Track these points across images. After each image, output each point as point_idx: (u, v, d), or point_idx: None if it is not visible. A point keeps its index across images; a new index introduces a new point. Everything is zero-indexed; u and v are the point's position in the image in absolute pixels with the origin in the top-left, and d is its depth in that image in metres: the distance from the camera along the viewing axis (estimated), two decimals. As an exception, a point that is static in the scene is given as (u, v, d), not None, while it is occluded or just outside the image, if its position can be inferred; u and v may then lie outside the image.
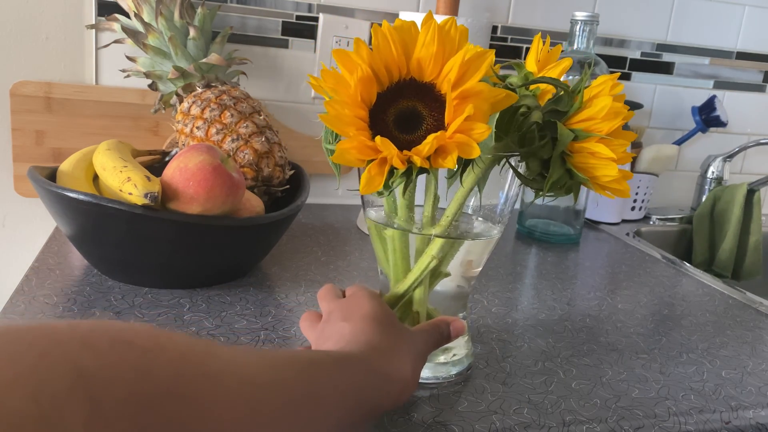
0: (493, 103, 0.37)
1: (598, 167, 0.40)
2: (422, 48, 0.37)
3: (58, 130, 0.83)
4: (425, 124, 0.38)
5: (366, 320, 0.41)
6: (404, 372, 0.39)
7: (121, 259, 0.58)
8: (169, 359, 0.25)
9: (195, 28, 0.73)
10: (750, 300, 0.72)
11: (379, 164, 0.37)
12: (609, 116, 0.40)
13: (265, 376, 0.30)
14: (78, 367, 0.21)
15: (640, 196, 1.04)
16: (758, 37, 1.13)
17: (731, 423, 0.48)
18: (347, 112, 0.36)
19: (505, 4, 0.97)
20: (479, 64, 0.36)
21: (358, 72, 0.36)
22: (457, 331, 0.45)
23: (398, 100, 0.38)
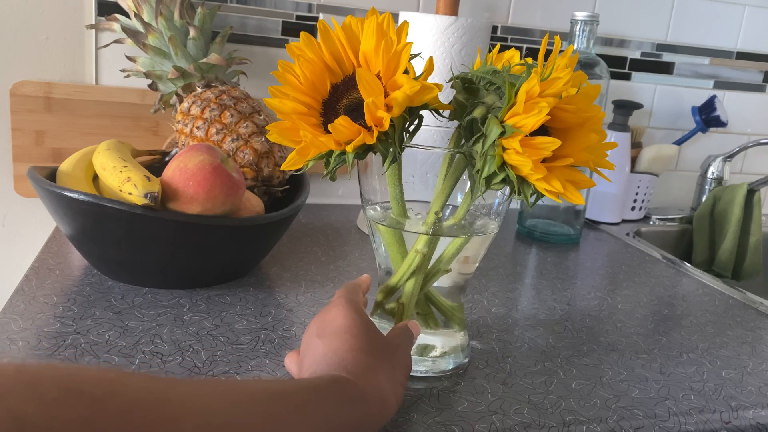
0: (410, 94, 0.38)
1: (524, 165, 0.38)
2: (365, 42, 0.40)
3: (58, 130, 0.83)
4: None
5: (339, 336, 0.39)
6: (382, 392, 0.37)
7: (121, 259, 0.58)
8: (118, 408, 0.23)
9: (195, 28, 0.73)
10: (750, 300, 0.72)
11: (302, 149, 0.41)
12: (528, 110, 0.37)
13: (224, 416, 0.28)
14: (18, 416, 0.20)
15: (640, 196, 1.04)
16: (758, 37, 1.13)
17: (731, 423, 0.48)
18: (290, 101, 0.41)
19: (505, 4, 0.97)
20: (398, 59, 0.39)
21: (302, 62, 0.41)
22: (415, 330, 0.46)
23: (350, 92, 0.42)
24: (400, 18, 0.79)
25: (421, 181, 0.46)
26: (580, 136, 0.41)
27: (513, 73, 0.41)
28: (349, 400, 0.35)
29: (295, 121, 0.41)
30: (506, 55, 0.44)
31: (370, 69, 0.41)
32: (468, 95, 0.42)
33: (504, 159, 0.39)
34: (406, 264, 0.46)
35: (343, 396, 0.35)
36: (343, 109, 0.42)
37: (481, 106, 0.41)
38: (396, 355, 0.41)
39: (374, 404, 0.36)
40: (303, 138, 0.40)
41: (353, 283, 0.49)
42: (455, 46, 0.73)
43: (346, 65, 0.42)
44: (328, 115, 0.42)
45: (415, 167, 0.46)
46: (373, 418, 0.36)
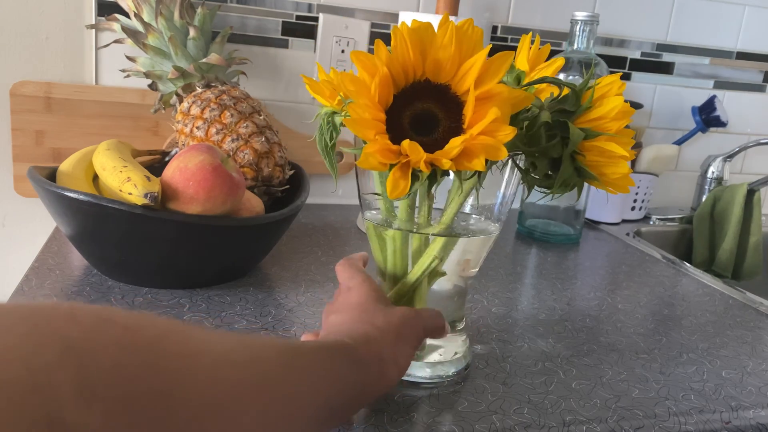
0: (513, 104, 0.37)
1: (609, 165, 0.41)
2: (439, 49, 0.36)
3: (58, 130, 0.83)
4: (441, 126, 0.38)
5: (353, 311, 0.42)
6: (384, 360, 0.39)
7: (121, 259, 0.58)
8: (148, 337, 0.25)
9: (195, 28, 0.73)
10: (750, 300, 0.72)
11: (402, 168, 0.36)
12: (618, 116, 0.41)
13: (242, 356, 0.30)
14: (65, 339, 0.21)
15: (640, 196, 1.04)
16: (758, 37, 1.13)
17: (731, 423, 0.48)
18: (368, 116, 0.36)
19: (505, 4, 0.97)
20: (499, 66, 0.36)
21: (379, 75, 0.35)
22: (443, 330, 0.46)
23: (413, 102, 0.38)
24: (400, 18, 0.79)
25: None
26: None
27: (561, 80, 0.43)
28: (351, 362, 0.37)
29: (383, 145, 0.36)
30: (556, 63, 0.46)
31: (439, 77, 0.38)
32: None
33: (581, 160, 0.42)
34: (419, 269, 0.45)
35: (346, 358, 0.37)
36: (408, 121, 0.38)
37: (546, 111, 0.41)
38: (404, 331, 0.42)
39: (374, 371, 0.39)
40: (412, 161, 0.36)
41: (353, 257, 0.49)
42: (455, 46, 0.73)
43: (409, 72, 0.38)
44: (393, 127, 0.38)
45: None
46: (372, 385, 0.39)
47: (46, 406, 0.19)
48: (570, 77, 0.86)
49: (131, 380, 0.23)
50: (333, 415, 0.36)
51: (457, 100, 0.38)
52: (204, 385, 0.26)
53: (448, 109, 0.38)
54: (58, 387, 0.20)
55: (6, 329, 0.21)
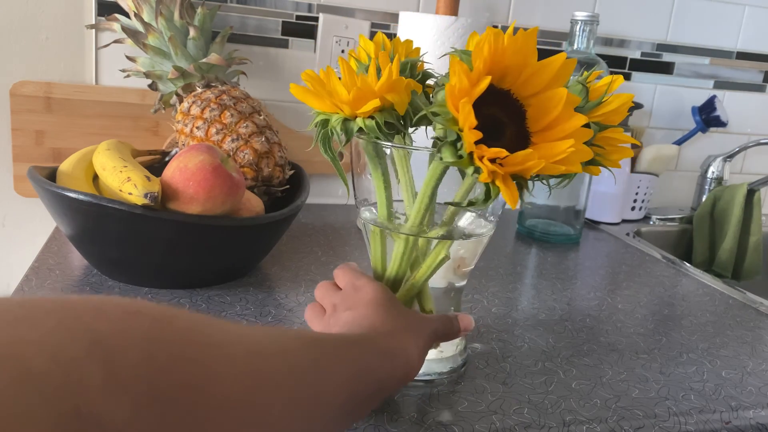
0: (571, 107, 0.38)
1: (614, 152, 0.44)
2: (512, 56, 0.37)
3: (58, 130, 0.83)
4: (508, 131, 0.38)
5: (369, 306, 0.42)
6: (408, 352, 0.40)
7: (121, 259, 0.58)
8: (177, 328, 0.25)
9: (195, 28, 0.73)
10: (750, 300, 0.72)
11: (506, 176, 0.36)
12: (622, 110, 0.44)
13: (270, 347, 0.30)
14: (93, 332, 0.22)
15: (640, 196, 1.04)
16: (758, 37, 1.13)
17: (731, 423, 0.48)
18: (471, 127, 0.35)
19: (505, 4, 0.97)
20: (566, 71, 0.37)
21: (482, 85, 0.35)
22: (465, 324, 0.46)
23: (480, 108, 0.37)
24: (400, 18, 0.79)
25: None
26: None
27: None
28: (379, 352, 0.38)
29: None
30: None
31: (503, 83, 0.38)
32: None
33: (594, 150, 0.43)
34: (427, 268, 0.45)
35: (374, 349, 0.38)
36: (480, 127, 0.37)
37: None
38: (420, 326, 0.43)
39: (401, 361, 0.39)
40: (529, 167, 0.36)
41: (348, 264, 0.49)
42: (455, 47, 0.73)
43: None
44: None
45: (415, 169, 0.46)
46: (399, 373, 0.39)
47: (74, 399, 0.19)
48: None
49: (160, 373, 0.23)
50: (358, 406, 0.36)
51: (518, 105, 0.38)
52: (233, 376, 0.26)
53: (511, 114, 0.38)
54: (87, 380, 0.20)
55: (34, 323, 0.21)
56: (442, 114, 0.37)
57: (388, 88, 0.41)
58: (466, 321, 0.46)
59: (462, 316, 0.46)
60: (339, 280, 0.47)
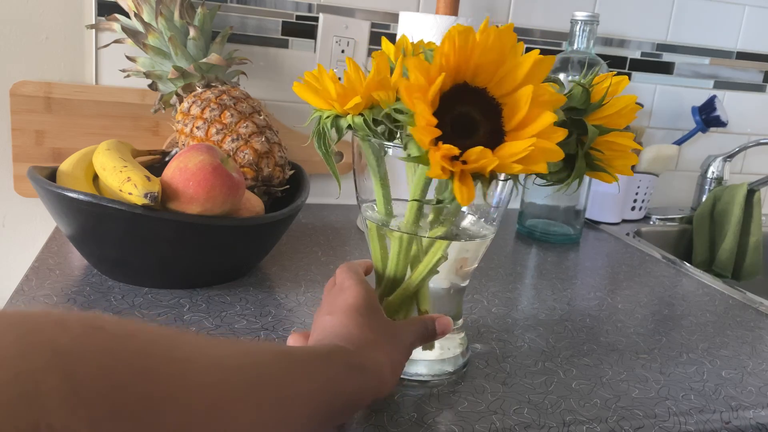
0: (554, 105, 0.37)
1: (617, 157, 0.44)
2: (483, 53, 0.36)
3: (58, 130, 0.83)
4: (482, 129, 0.38)
5: (347, 313, 0.41)
6: (381, 366, 0.39)
7: (121, 259, 0.58)
8: (138, 344, 0.25)
9: (195, 28, 0.73)
10: (750, 300, 0.72)
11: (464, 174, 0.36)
12: (626, 112, 0.43)
13: (234, 361, 0.30)
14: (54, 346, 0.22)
15: (640, 196, 1.04)
16: (758, 37, 1.13)
17: (731, 423, 0.48)
18: (424, 123, 0.35)
19: (505, 4, 0.97)
20: (544, 69, 0.37)
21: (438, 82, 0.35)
22: (443, 327, 0.45)
23: (454, 106, 0.38)
24: (400, 18, 0.79)
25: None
26: None
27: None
28: (349, 367, 0.37)
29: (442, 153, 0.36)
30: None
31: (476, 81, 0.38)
32: None
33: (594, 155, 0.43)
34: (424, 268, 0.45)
35: (344, 363, 0.37)
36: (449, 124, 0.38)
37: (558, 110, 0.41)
38: (397, 337, 0.43)
39: (372, 376, 0.38)
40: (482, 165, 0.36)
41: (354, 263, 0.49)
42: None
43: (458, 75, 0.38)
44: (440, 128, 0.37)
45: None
46: (369, 389, 0.38)
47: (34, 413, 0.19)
48: (570, 77, 0.86)
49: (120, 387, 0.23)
50: (328, 419, 0.36)
51: (494, 103, 0.38)
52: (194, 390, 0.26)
53: (486, 113, 0.38)
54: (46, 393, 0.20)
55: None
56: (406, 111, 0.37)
57: (376, 86, 0.41)
58: (443, 324, 0.45)
59: (440, 320, 0.45)
60: (336, 277, 0.47)
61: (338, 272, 0.47)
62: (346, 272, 0.46)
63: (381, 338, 0.41)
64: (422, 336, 0.45)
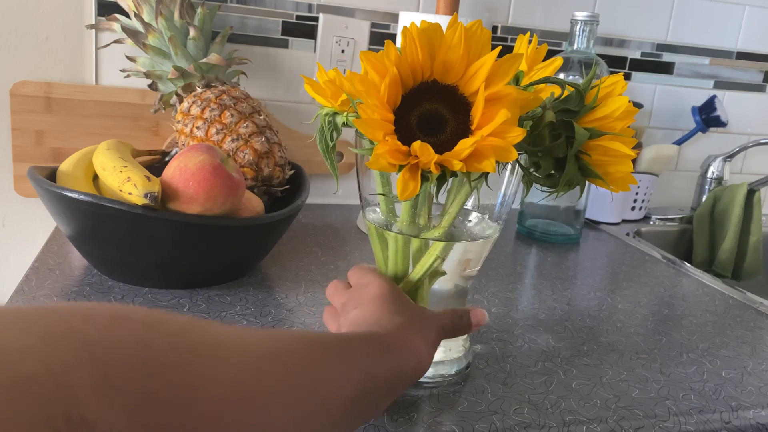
0: (521, 106, 0.37)
1: (612, 163, 0.42)
2: (448, 50, 0.37)
3: (58, 130, 0.83)
4: (449, 126, 0.38)
5: (375, 302, 0.42)
6: (416, 348, 0.39)
7: (121, 259, 0.58)
8: (168, 332, 0.25)
9: (195, 28, 0.73)
10: (750, 300, 0.72)
11: (412, 169, 0.36)
12: (623, 115, 0.41)
13: (265, 348, 0.30)
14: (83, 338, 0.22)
15: (640, 196, 1.04)
16: (758, 37, 1.13)
17: (731, 423, 0.48)
18: (377, 116, 0.36)
19: (505, 4, 0.97)
20: (509, 67, 0.36)
21: (389, 75, 0.35)
22: (477, 318, 0.45)
23: (421, 103, 0.38)
24: (400, 18, 0.79)
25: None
26: None
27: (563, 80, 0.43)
28: (385, 350, 0.37)
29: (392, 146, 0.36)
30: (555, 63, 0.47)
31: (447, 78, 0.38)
32: None
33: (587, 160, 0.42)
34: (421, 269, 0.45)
35: (380, 346, 0.37)
36: (416, 121, 0.38)
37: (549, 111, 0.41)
38: (429, 320, 0.42)
39: (409, 357, 0.38)
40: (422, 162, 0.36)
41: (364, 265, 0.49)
42: (455, 46, 0.73)
43: (418, 73, 0.38)
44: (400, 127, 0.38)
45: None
46: (407, 371, 0.38)
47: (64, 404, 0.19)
48: (570, 77, 0.86)
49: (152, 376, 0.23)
50: (366, 406, 0.35)
51: (464, 101, 0.38)
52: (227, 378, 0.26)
53: (456, 110, 0.38)
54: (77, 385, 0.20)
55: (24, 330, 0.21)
56: None
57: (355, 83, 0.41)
58: (479, 315, 0.45)
59: (474, 311, 0.46)
60: (350, 278, 0.47)
61: (351, 274, 0.47)
62: (360, 270, 0.46)
63: (412, 321, 0.41)
64: (455, 324, 0.44)
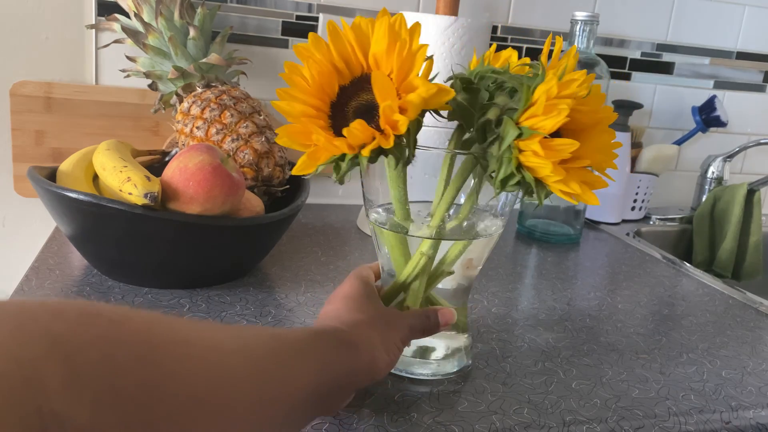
0: (426, 97, 0.37)
1: (543, 168, 0.38)
2: (375, 44, 0.39)
3: (58, 130, 0.83)
4: (377, 116, 0.39)
5: (342, 300, 0.43)
6: (372, 344, 0.40)
7: (121, 259, 0.58)
8: (135, 328, 0.26)
9: (195, 28, 0.73)
10: (750, 300, 0.72)
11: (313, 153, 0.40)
12: (548, 111, 0.37)
13: (231, 344, 0.31)
14: (52, 334, 0.22)
15: (640, 196, 1.04)
16: (758, 37, 1.13)
17: (731, 423, 0.48)
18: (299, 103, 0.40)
19: (505, 4, 0.97)
20: (413, 61, 0.38)
21: (310, 63, 0.40)
22: (446, 318, 0.46)
23: (359, 94, 0.41)
24: (400, 18, 0.79)
25: (420, 182, 0.46)
26: (593, 137, 0.41)
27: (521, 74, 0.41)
28: (341, 344, 0.38)
29: (306, 125, 0.40)
30: (504, 55, 0.45)
31: (381, 71, 0.40)
32: (468, 95, 0.42)
33: (521, 161, 0.39)
34: (410, 266, 0.46)
35: (336, 341, 0.38)
36: (352, 112, 0.41)
37: (495, 107, 0.40)
38: (393, 321, 0.43)
39: (365, 356, 0.39)
40: (315, 142, 0.39)
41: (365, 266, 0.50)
42: (455, 46, 0.73)
43: (354, 66, 0.41)
44: (337, 118, 0.41)
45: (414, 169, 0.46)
46: (362, 369, 0.39)
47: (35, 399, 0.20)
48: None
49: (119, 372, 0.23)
50: (322, 400, 0.36)
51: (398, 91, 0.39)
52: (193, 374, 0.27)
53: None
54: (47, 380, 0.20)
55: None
56: None
57: None
58: (447, 315, 0.46)
59: (442, 311, 0.46)
60: None
61: None
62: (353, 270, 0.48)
63: (373, 320, 0.42)
64: (423, 324, 0.45)
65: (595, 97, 0.40)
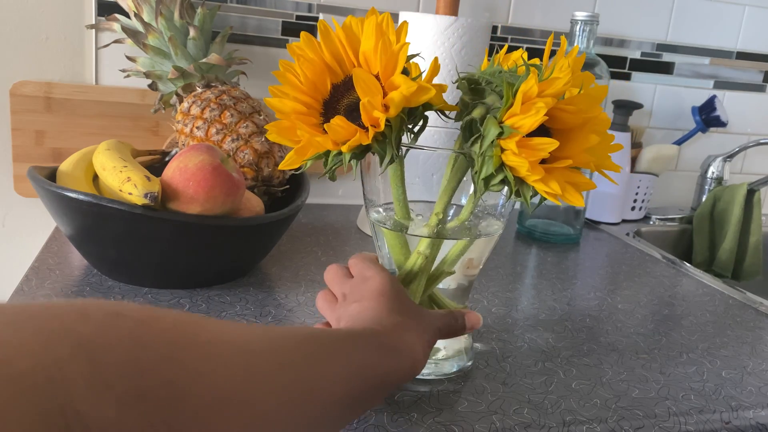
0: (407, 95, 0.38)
1: (522, 167, 0.38)
2: (364, 43, 0.40)
3: (58, 130, 0.83)
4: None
5: (375, 298, 0.42)
6: (413, 348, 0.40)
7: (121, 259, 0.58)
8: (162, 328, 0.25)
9: (195, 28, 0.73)
10: (750, 300, 0.72)
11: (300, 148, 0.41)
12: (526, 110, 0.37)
13: (259, 344, 0.30)
14: (77, 335, 0.22)
15: (640, 196, 1.04)
16: (758, 37, 1.13)
17: (731, 423, 0.48)
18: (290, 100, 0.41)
19: (505, 4, 0.97)
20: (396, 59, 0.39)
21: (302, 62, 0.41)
22: (472, 322, 0.46)
23: (351, 92, 0.41)
24: (400, 18, 0.79)
25: (424, 182, 0.46)
26: (581, 137, 0.40)
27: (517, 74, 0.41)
28: (382, 348, 0.38)
29: (294, 121, 0.40)
30: (514, 56, 0.44)
31: (370, 69, 0.40)
32: (473, 96, 0.42)
33: (502, 160, 0.39)
34: (408, 266, 0.46)
35: (377, 344, 0.37)
36: (342, 110, 0.42)
37: (481, 106, 0.40)
38: (426, 320, 0.43)
39: (405, 357, 0.39)
40: (300, 137, 0.40)
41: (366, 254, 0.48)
42: (455, 47, 0.73)
43: (346, 65, 0.42)
44: (329, 115, 0.41)
45: (417, 168, 0.46)
46: (403, 370, 0.39)
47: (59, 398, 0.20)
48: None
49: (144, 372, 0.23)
50: (358, 402, 0.36)
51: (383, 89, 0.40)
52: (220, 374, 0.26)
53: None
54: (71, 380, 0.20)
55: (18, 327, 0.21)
56: None
57: None
58: (473, 319, 0.46)
59: (469, 314, 0.46)
60: (352, 268, 0.47)
61: (353, 263, 0.47)
62: (363, 261, 0.46)
63: (410, 320, 0.41)
64: (450, 325, 0.45)
65: (585, 97, 0.40)
